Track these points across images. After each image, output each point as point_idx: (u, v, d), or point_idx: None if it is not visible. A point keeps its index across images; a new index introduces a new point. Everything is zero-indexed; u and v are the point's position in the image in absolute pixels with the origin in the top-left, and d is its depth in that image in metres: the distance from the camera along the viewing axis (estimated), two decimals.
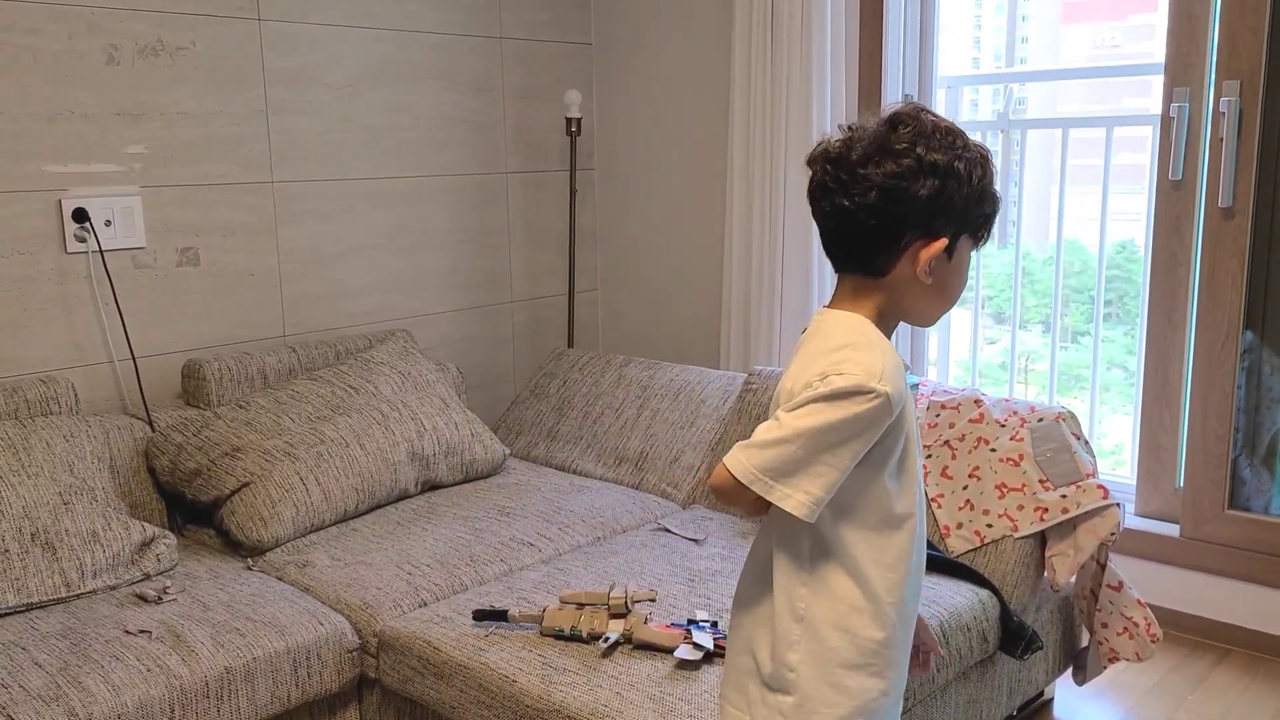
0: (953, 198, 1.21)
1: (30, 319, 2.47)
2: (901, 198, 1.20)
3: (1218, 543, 2.67)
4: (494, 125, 3.31)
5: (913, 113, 1.23)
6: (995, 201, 1.26)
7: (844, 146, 1.24)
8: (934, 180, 1.20)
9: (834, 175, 1.24)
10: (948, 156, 1.21)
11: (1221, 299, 2.60)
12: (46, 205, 2.47)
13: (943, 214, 1.21)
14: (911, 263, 1.22)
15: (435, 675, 1.92)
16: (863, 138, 1.23)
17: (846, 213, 1.23)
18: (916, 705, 1.95)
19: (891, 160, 1.20)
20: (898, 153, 1.20)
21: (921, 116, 1.23)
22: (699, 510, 2.60)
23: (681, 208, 3.44)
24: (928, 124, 1.22)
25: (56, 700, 1.71)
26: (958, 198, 1.21)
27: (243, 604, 2.05)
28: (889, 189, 1.20)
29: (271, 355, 2.69)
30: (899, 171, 1.20)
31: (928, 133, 1.21)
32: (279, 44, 2.80)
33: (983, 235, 1.27)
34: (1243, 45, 2.49)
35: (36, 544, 2.07)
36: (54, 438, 2.23)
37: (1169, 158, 2.64)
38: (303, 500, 2.36)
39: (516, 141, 3.38)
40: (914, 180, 1.19)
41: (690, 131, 3.38)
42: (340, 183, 2.98)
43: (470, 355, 3.35)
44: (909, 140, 1.20)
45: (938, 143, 1.21)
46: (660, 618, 1.95)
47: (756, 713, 1.28)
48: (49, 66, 2.43)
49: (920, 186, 1.19)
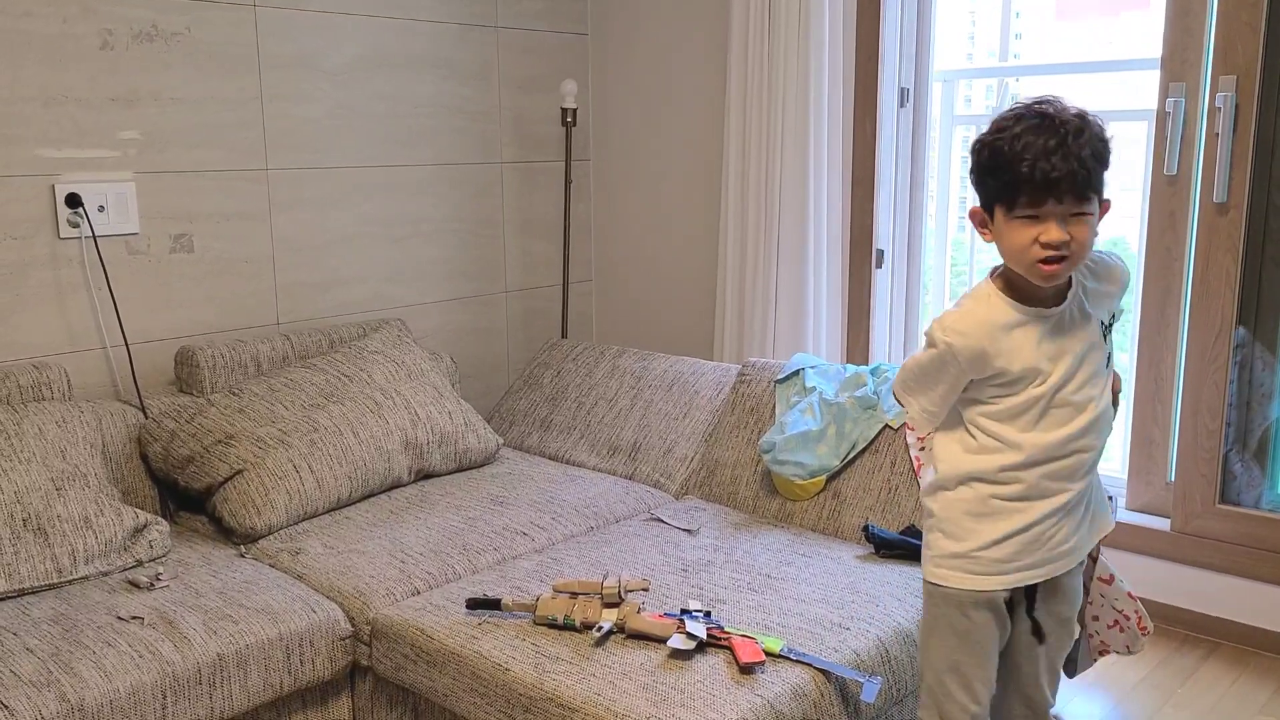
0: (973, 174, 1.58)
1: (23, 304, 2.46)
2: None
3: (1208, 537, 2.68)
4: (489, 115, 3.31)
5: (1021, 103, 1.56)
6: (1003, 174, 1.52)
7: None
8: (969, 161, 1.59)
9: None
10: (976, 142, 1.57)
11: (1215, 294, 2.60)
12: (40, 190, 2.46)
13: (977, 188, 1.59)
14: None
15: (428, 663, 1.92)
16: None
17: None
18: (908, 695, 1.96)
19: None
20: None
21: (1014, 105, 1.56)
22: (692, 501, 2.60)
23: (677, 199, 3.44)
24: (1001, 112, 1.56)
25: (48, 686, 1.71)
26: (975, 174, 1.58)
27: (235, 591, 2.05)
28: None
29: (265, 343, 2.69)
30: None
31: (992, 120, 1.56)
32: (275, 30, 2.79)
33: (1011, 203, 1.53)
34: (1239, 40, 2.50)
35: (28, 530, 2.07)
36: (46, 423, 2.23)
37: (1164, 152, 2.65)
38: (296, 488, 2.36)
39: (512, 131, 3.37)
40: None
41: (686, 123, 3.37)
42: (335, 170, 2.97)
43: (464, 345, 3.34)
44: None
45: (984, 129, 1.57)
46: (653, 607, 1.95)
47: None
48: (43, 50, 2.42)
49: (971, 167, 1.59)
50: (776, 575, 2.12)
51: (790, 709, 1.70)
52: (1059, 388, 1.59)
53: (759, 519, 2.47)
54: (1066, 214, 1.51)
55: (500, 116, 3.34)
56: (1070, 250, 1.52)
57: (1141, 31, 2.86)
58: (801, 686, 1.74)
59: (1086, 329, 1.62)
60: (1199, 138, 2.60)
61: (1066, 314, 1.61)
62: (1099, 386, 1.63)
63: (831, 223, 3.01)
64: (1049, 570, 1.67)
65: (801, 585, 2.08)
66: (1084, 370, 1.61)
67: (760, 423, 2.60)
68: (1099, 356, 1.63)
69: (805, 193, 2.95)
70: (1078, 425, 1.61)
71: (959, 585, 1.67)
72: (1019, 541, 1.64)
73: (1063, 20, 3.39)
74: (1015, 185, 1.50)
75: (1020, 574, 1.66)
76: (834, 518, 2.39)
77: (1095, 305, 1.64)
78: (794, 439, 2.43)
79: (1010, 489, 1.63)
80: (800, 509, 2.44)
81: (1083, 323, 1.62)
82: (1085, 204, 1.52)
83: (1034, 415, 1.60)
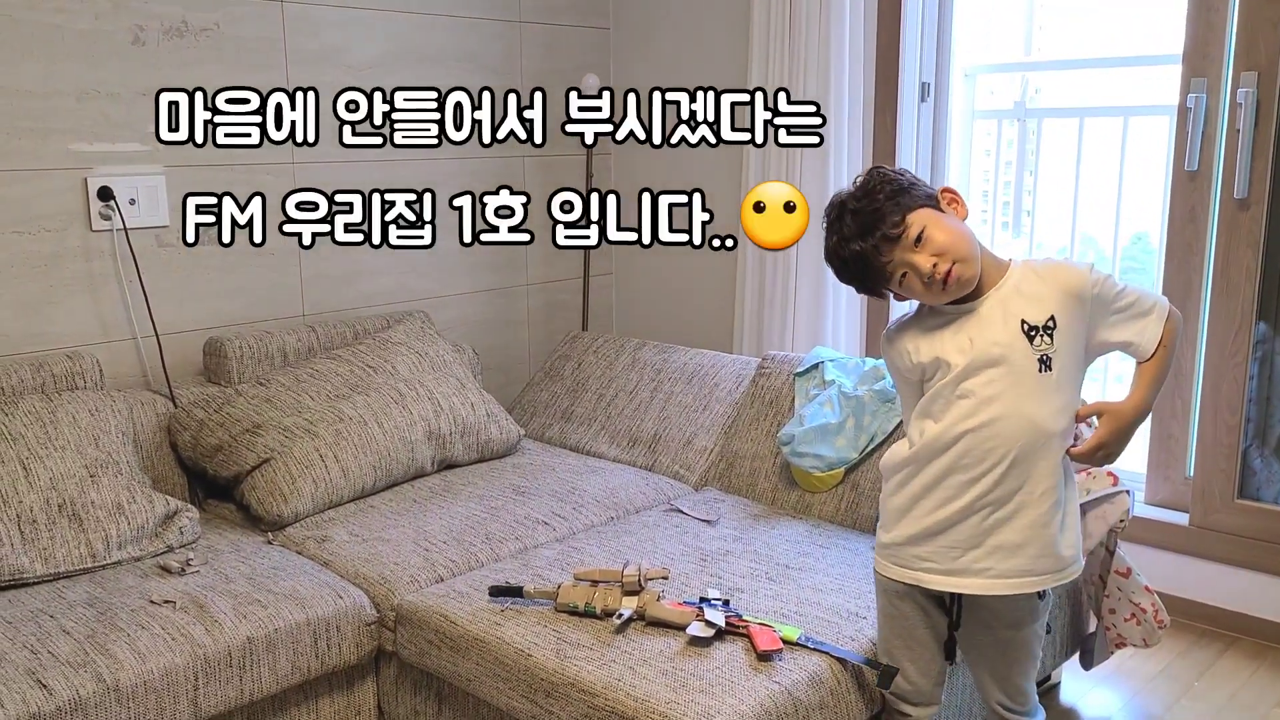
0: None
1: (56, 295, 2.51)
2: None
3: (1227, 531, 2.69)
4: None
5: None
6: (851, 281, 1.72)
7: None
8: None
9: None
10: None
11: (1235, 289, 2.61)
12: (73, 183, 2.51)
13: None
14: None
15: (451, 649, 1.95)
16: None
17: None
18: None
19: None
20: None
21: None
22: (711, 492, 2.63)
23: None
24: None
25: (85, 666, 1.76)
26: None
27: (264, 577, 2.09)
28: None
29: (291, 334, 2.73)
30: None
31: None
32: (302, 26, 2.83)
33: (874, 290, 1.71)
34: (1261, 37, 2.49)
35: (64, 515, 2.12)
36: (80, 412, 2.28)
37: (1185, 148, 2.65)
38: (322, 477, 2.40)
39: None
40: None
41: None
42: (359, 165, 3.01)
43: (486, 337, 3.38)
44: None
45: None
46: (672, 596, 1.98)
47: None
48: (75, 46, 2.47)
49: None
50: (794, 565, 2.15)
51: (807, 695, 1.73)
52: (961, 379, 1.63)
53: (777, 510, 2.49)
54: (906, 250, 1.61)
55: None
56: (947, 256, 1.60)
57: (1165, 26, 2.85)
58: (818, 674, 1.76)
59: (1005, 327, 1.62)
60: (1220, 134, 2.60)
61: (984, 309, 1.64)
62: (1013, 387, 1.61)
63: None
64: (957, 584, 1.69)
65: (819, 575, 2.10)
66: (996, 368, 1.61)
67: (779, 415, 2.62)
68: (1021, 358, 1.61)
69: (825, 187, 2.96)
70: (977, 420, 1.62)
71: (882, 573, 1.78)
72: (922, 538, 1.69)
73: (1086, 14, 3.39)
74: (858, 283, 1.70)
75: (922, 574, 1.71)
76: (852, 509, 2.41)
77: (1025, 305, 1.63)
78: (813, 431, 2.45)
79: (918, 482, 1.69)
80: (818, 500, 2.46)
81: (1002, 321, 1.63)
82: (906, 230, 1.61)
83: (940, 407, 1.66)
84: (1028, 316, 1.62)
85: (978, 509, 1.65)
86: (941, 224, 1.62)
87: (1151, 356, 1.66)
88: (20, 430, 2.17)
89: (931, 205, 1.65)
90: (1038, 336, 1.62)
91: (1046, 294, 1.63)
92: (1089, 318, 1.64)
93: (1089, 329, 1.65)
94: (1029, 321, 1.62)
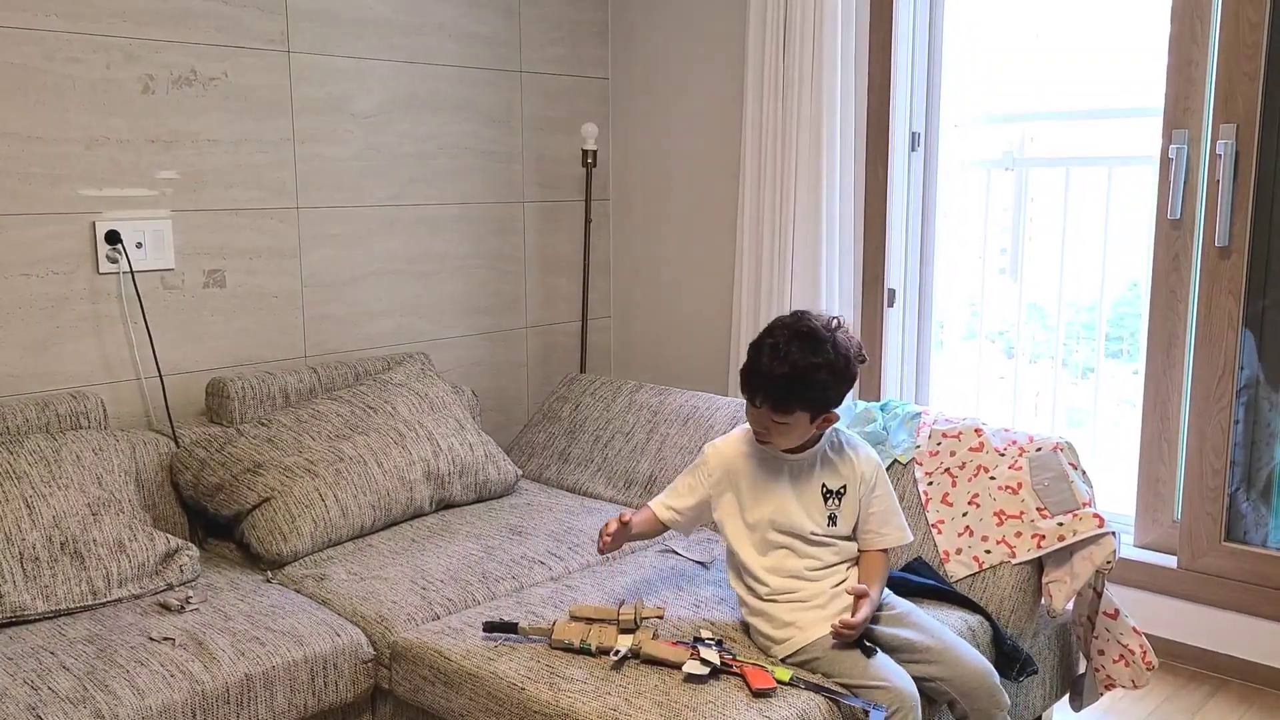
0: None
1: (63, 336, 2.56)
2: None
3: (1214, 574, 2.72)
4: (512, 156, 3.41)
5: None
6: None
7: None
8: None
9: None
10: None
11: (1218, 335, 2.66)
12: (81, 227, 2.56)
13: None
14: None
15: (445, 684, 1.98)
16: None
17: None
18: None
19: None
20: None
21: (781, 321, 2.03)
22: (706, 532, 2.65)
23: (693, 238, 3.53)
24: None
25: (84, 702, 1.78)
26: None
27: (262, 614, 2.12)
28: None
29: (293, 375, 2.77)
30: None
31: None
32: (308, 75, 2.91)
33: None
34: (1239, 90, 2.57)
35: (66, 553, 2.14)
36: (83, 451, 2.31)
37: (1168, 197, 2.72)
38: (321, 516, 2.43)
39: (534, 172, 3.47)
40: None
41: (703, 165, 3.46)
42: (363, 209, 3.07)
43: (485, 378, 3.42)
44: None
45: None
46: (667, 635, 2.01)
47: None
48: (87, 94, 2.53)
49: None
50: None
51: None
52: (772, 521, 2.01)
53: None
54: (767, 416, 1.94)
55: (522, 157, 3.44)
56: (770, 439, 1.98)
57: (1147, 79, 2.94)
58: (809, 712, 1.79)
59: (808, 485, 2.02)
60: (1201, 184, 2.67)
61: (802, 465, 2.02)
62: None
63: (844, 262, 3.09)
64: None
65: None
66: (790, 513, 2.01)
67: None
68: (797, 515, 2.00)
69: (818, 233, 3.03)
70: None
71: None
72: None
73: (1072, 67, 3.48)
74: (742, 382, 1.99)
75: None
76: None
77: (827, 474, 2.02)
78: None
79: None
80: None
81: (805, 478, 2.02)
82: (782, 414, 1.93)
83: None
84: (829, 483, 2.03)
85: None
86: (793, 433, 1.97)
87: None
88: (25, 469, 2.21)
89: (816, 411, 1.96)
90: (832, 499, 2.03)
91: (837, 472, 2.05)
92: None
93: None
94: (829, 487, 2.03)
